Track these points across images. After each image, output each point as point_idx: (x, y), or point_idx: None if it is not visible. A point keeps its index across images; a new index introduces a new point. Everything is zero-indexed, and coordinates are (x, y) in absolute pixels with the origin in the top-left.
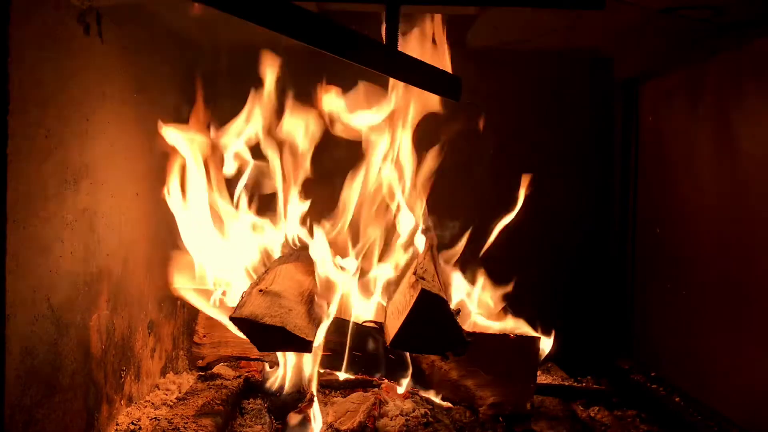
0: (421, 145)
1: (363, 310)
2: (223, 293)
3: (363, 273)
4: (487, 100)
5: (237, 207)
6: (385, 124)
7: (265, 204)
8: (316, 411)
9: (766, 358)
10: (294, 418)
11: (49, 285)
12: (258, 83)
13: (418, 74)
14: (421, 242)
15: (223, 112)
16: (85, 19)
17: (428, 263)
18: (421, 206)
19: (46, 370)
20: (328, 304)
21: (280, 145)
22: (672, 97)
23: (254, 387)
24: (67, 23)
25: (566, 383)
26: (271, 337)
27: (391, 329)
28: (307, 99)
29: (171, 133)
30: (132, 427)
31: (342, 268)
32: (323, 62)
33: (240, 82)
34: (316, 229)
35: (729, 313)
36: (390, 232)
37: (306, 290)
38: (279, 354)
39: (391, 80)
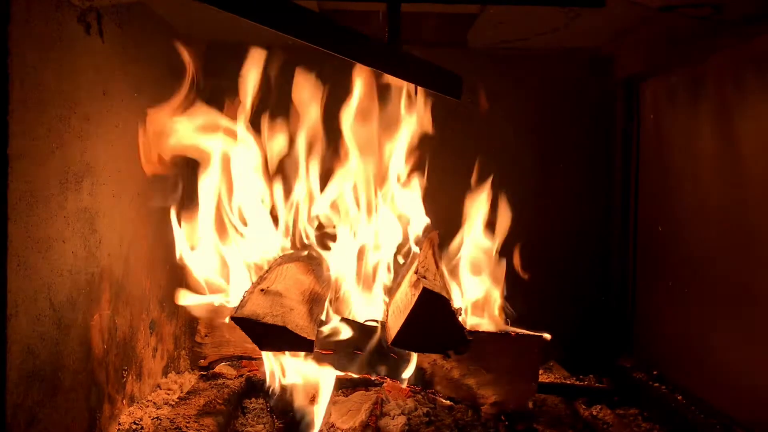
0: (420, 144)
1: (364, 310)
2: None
3: (365, 273)
4: (485, 99)
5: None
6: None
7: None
8: (317, 410)
9: None
10: (296, 418)
11: (50, 285)
12: (259, 82)
13: (420, 73)
14: (422, 241)
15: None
16: (86, 18)
17: (430, 262)
18: (422, 205)
19: (48, 369)
20: (330, 304)
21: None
22: (673, 96)
23: (256, 386)
24: (67, 23)
25: (568, 382)
26: (272, 336)
27: (393, 328)
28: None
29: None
30: (134, 426)
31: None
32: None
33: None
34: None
35: (731, 311)
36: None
37: (307, 290)
38: (281, 353)
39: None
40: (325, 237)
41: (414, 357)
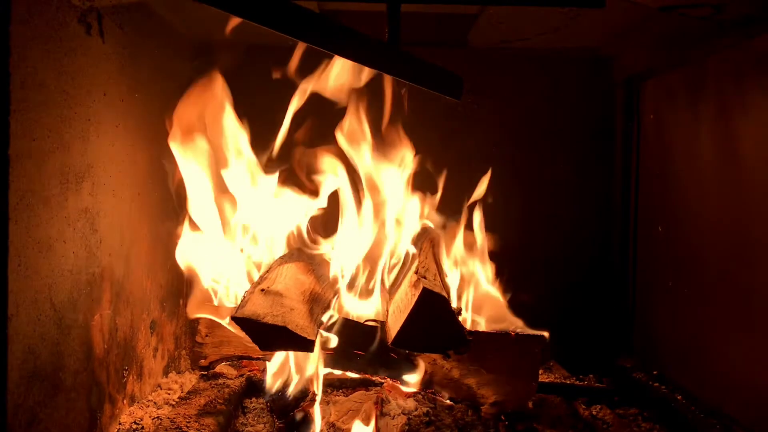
0: (419, 143)
1: (365, 310)
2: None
3: (365, 273)
4: (486, 99)
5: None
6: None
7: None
8: (317, 410)
9: None
10: (296, 418)
11: (51, 285)
12: (261, 81)
13: (420, 73)
14: (423, 241)
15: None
16: (87, 19)
17: (430, 262)
18: (421, 205)
19: (49, 369)
20: (330, 304)
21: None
22: (673, 96)
23: (256, 386)
24: (68, 23)
25: (568, 382)
26: (273, 336)
27: (393, 328)
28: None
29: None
30: (135, 426)
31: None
32: None
33: (243, 80)
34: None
35: (731, 311)
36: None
37: (308, 290)
38: (281, 353)
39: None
40: (326, 238)
41: (421, 363)
